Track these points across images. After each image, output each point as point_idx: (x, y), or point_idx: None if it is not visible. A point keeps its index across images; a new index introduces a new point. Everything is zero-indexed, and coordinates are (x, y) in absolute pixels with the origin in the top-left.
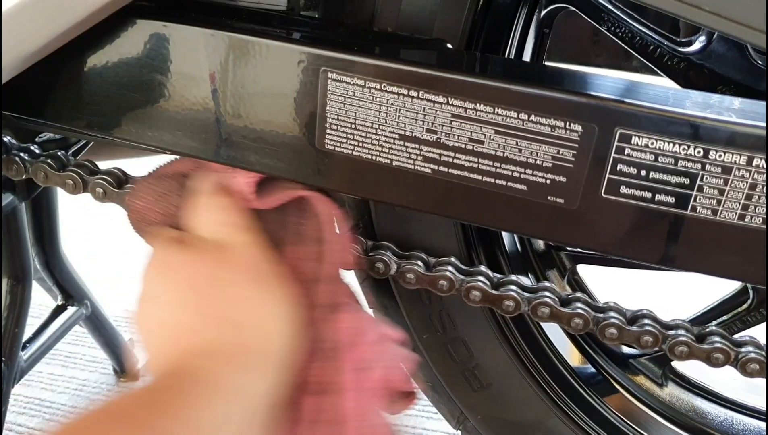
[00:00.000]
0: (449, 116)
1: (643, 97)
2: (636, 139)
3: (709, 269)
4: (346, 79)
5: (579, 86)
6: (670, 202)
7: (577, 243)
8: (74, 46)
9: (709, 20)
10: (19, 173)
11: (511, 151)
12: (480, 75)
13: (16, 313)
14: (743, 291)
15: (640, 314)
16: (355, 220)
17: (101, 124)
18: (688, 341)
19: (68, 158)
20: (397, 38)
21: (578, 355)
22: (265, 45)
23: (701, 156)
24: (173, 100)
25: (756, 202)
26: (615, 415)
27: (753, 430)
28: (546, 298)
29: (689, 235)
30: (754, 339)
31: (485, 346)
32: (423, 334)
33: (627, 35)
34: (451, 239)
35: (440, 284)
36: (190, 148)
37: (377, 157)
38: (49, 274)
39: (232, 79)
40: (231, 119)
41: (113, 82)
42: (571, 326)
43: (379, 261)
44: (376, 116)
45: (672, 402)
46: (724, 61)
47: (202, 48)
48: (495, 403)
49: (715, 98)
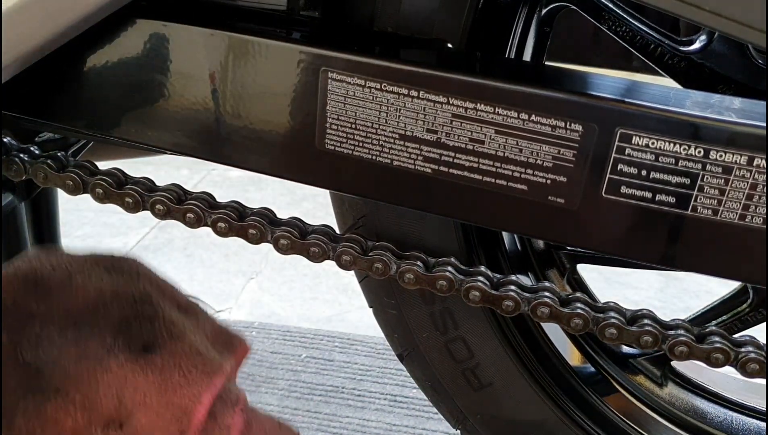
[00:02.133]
0: (449, 116)
1: (644, 96)
2: (637, 139)
3: (709, 269)
4: (347, 79)
5: (579, 86)
6: (671, 202)
7: (577, 243)
8: (74, 46)
9: (710, 20)
10: (19, 174)
11: (512, 151)
12: (480, 75)
13: None
14: (743, 291)
15: (640, 314)
16: (355, 219)
17: (101, 124)
18: (688, 341)
19: (68, 159)
20: (397, 38)
21: (578, 354)
22: (265, 45)
23: (702, 156)
24: (173, 100)
25: (756, 202)
26: (615, 414)
27: (753, 430)
28: (546, 298)
29: (690, 235)
30: (754, 339)
31: (485, 345)
32: (423, 333)
33: (628, 34)
34: (451, 239)
35: (440, 284)
36: (190, 148)
37: (377, 157)
38: None
39: (232, 79)
40: (231, 119)
41: (113, 82)
42: (571, 326)
43: (379, 261)
44: (377, 116)
45: (672, 402)
46: (724, 61)
47: (202, 48)
48: (495, 402)
49: (715, 98)
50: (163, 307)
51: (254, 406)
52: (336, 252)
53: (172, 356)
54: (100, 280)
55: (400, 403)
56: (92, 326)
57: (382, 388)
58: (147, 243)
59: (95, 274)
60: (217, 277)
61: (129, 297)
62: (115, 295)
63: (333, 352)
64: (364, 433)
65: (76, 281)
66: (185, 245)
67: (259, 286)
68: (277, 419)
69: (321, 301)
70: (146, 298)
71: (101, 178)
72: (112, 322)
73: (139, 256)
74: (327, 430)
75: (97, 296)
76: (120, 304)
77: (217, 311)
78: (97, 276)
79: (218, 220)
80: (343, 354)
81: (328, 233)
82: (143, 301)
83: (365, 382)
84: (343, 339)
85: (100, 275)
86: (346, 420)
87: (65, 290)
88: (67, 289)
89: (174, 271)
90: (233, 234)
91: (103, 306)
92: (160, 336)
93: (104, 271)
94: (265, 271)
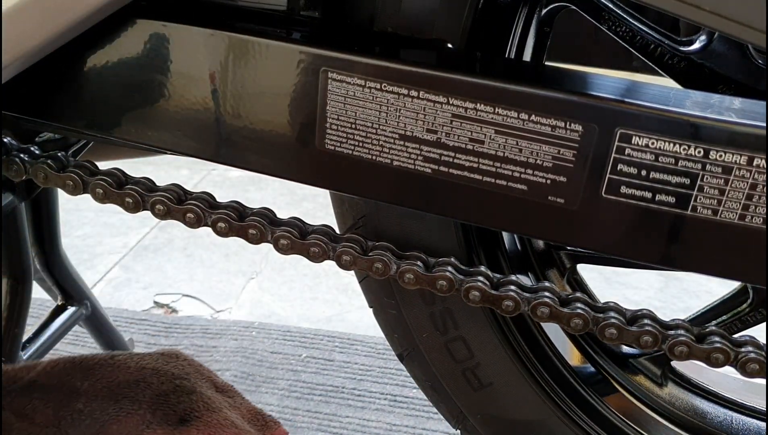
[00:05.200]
0: (449, 116)
1: (644, 97)
2: (636, 139)
3: (709, 269)
4: (347, 79)
5: (579, 86)
6: (671, 202)
7: (577, 243)
8: (74, 46)
9: (710, 20)
10: (19, 174)
11: (512, 151)
12: (480, 75)
13: (16, 313)
14: (743, 291)
15: (640, 314)
16: (355, 219)
17: (101, 124)
18: (688, 341)
19: (68, 159)
20: (397, 38)
21: (578, 354)
22: (265, 45)
23: (702, 156)
24: (173, 100)
25: (756, 202)
26: (615, 414)
27: (753, 430)
28: (545, 299)
29: (690, 235)
30: (754, 339)
31: (485, 345)
32: (423, 333)
33: (627, 34)
34: (451, 239)
35: (440, 284)
36: (190, 148)
37: (377, 157)
38: (49, 274)
39: (232, 79)
40: (231, 119)
41: (113, 82)
42: (571, 326)
43: (379, 261)
44: (377, 116)
45: (672, 402)
46: (724, 61)
47: (202, 48)
48: (495, 402)
49: (715, 98)
50: (201, 383)
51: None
52: (336, 252)
53: (208, 427)
54: (141, 358)
55: (400, 403)
56: (132, 401)
57: (382, 388)
58: (147, 243)
59: (136, 355)
60: (217, 277)
61: (168, 373)
62: (155, 372)
63: (333, 352)
64: (364, 433)
65: (117, 359)
66: (185, 245)
67: (259, 286)
68: None
69: (321, 301)
70: (185, 375)
71: (101, 178)
72: (151, 395)
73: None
74: (327, 430)
75: (137, 372)
76: (160, 380)
77: (217, 311)
78: (139, 355)
79: (218, 220)
80: (343, 354)
81: (328, 233)
82: (182, 377)
83: (365, 382)
84: (343, 339)
85: (141, 355)
86: (346, 420)
87: (108, 367)
88: (109, 365)
89: (174, 271)
90: (233, 234)
91: (143, 381)
92: (196, 408)
93: (145, 354)
94: (265, 271)
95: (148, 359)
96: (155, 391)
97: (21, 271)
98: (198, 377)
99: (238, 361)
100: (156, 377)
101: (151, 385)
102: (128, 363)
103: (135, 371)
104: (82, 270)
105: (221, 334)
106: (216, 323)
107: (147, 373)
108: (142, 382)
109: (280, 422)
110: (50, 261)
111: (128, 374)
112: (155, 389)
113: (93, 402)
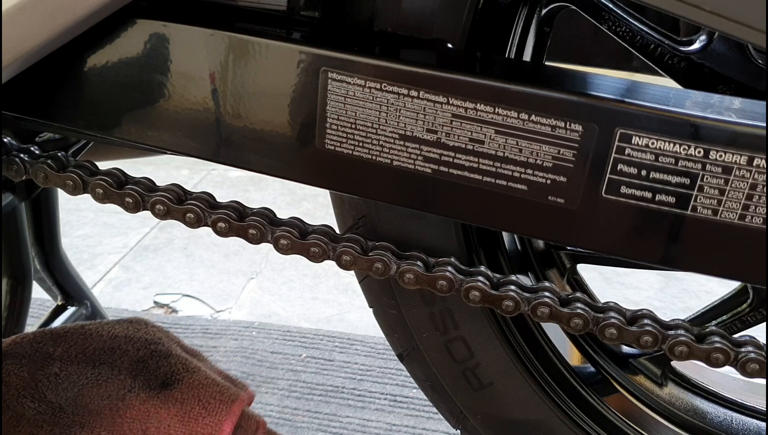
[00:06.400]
0: (449, 116)
1: (644, 97)
2: (636, 139)
3: (709, 269)
4: (347, 79)
5: (579, 86)
6: (671, 202)
7: (577, 243)
8: (74, 46)
9: (710, 20)
10: (19, 174)
11: (512, 151)
12: (480, 75)
13: (16, 313)
14: (743, 291)
15: (640, 314)
16: (355, 219)
17: (101, 124)
18: (688, 341)
19: (68, 159)
20: (397, 38)
21: (578, 354)
22: (265, 45)
23: (702, 156)
24: (173, 100)
25: (756, 202)
26: (615, 414)
27: (753, 430)
28: (545, 299)
29: (690, 235)
30: (754, 339)
31: (485, 345)
32: (423, 333)
33: (628, 34)
34: (451, 239)
35: (440, 284)
36: (190, 148)
37: (377, 157)
38: (49, 274)
39: (232, 79)
40: (231, 119)
41: (113, 82)
42: (571, 326)
43: (379, 261)
44: (377, 116)
45: (672, 402)
46: (724, 61)
47: (202, 48)
48: (495, 402)
49: (715, 98)
50: (173, 347)
51: (274, 430)
52: (336, 252)
53: (191, 389)
54: (112, 327)
55: (400, 403)
56: (111, 367)
57: (382, 388)
58: (147, 243)
59: (106, 324)
60: (217, 277)
61: (142, 339)
62: (129, 339)
63: (333, 352)
64: (364, 433)
65: (88, 328)
66: (185, 245)
67: (259, 286)
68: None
69: (321, 301)
70: (157, 340)
71: (101, 178)
72: (129, 362)
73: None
74: (327, 430)
75: (111, 340)
76: (135, 346)
77: (217, 311)
78: (108, 324)
79: (218, 220)
80: (343, 354)
81: (328, 233)
82: (156, 342)
83: (365, 382)
84: (343, 339)
85: (111, 324)
86: (346, 420)
87: (79, 335)
88: (81, 334)
89: (174, 271)
90: (233, 234)
91: (118, 348)
92: (177, 371)
93: (114, 322)
94: (265, 271)
95: (119, 328)
96: (132, 358)
97: (21, 271)
98: (170, 341)
99: (238, 361)
100: (131, 345)
101: (128, 353)
102: (100, 331)
103: (108, 339)
104: (82, 270)
105: (221, 334)
106: (216, 323)
107: (120, 341)
108: (118, 349)
109: (248, 384)
110: (50, 261)
111: (101, 342)
112: (132, 356)
113: (69, 366)
